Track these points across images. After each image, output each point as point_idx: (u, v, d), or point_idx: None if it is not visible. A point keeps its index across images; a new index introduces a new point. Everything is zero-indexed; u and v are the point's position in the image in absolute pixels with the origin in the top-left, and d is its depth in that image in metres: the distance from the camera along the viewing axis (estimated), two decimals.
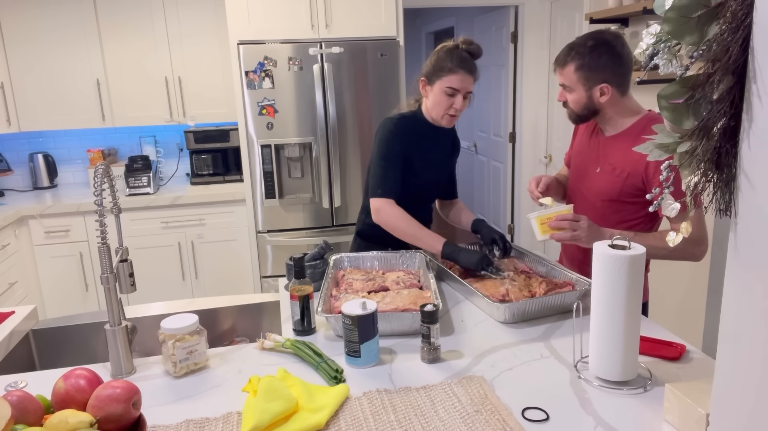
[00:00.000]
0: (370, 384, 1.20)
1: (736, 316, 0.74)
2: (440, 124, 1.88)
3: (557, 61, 1.64)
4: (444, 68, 1.79)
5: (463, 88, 1.79)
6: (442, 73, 1.79)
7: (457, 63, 1.77)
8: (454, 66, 1.77)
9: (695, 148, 0.77)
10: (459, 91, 1.79)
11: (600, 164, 1.70)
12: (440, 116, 1.85)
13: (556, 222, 1.54)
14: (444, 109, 1.83)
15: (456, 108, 1.82)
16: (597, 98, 1.61)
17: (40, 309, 3.29)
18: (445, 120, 1.86)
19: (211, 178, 3.72)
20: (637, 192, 1.60)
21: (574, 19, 3.75)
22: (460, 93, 1.80)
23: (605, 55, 1.57)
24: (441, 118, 1.86)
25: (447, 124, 1.88)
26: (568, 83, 1.63)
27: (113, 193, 1.33)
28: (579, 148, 1.84)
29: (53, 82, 3.40)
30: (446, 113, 1.84)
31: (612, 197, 1.65)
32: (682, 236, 0.87)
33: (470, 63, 1.79)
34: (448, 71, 1.78)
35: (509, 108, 4.43)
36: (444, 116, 1.85)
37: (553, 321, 1.48)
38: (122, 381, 0.99)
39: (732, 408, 0.77)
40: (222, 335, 1.72)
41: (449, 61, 1.78)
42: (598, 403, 1.10)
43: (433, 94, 1.83)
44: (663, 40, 0.83)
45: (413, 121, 1.90)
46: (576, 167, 1.83)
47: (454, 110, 1.82)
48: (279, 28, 3.16)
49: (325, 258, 1.75)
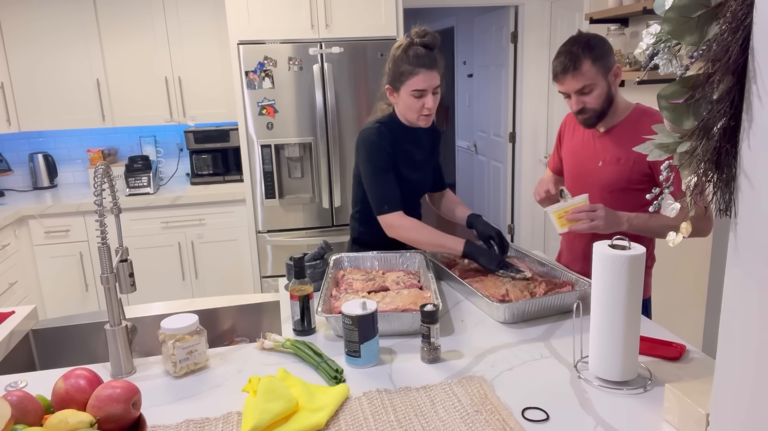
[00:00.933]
0: (370, 384, 1.20)
1: (736, 316, 0.74)
2: (417, 125, 1.85)
3: (566, 69, 1.61)
4: (404, 72, 1.74)
5: (429, 86, 1.74)
6: (403, 77, 1.74)
7: (414, 63, 1.72)
8: (413, 67, 1.72)
9: (695, 148, 0.77)
10: (426, 91, 1.75)
11: (601, 158, 1.72)
12: (415, 118, 1.82)
13: (573, 215, 1.57)
14: (416, 112, 1.79)
15: (428, 107, 1.77)
16: (613, 83, 1.65)
17: (40, 309, 3.29)
18: (421, 121, 1.82)
19: (211, 178, 3.72)
20: (644, 178, 1.66)
21: (574, 19, 3.75)
22: (428, 91, 1.75)
23: (604, 43, 1.63)
24: (417, 120, 1.82)
25: (424, 124, 1.84)
26: (588, 81, 1.61)
27: (113, 193, 1.33)
28: (571, 149, 1.86)
29: (53, 82, 3.40)
30: (420, 114, 1.80)
31: (621, 187, 1.69)
32: (682, 236, 0.87)
33: (428, 58, 1.73)
34: (408, 74, 1.73)
35: (509, 108, 4.43)
36: (419, 117, 1.81)
37: (553, 321, 1.48)
38: (122, 381, 0.99)
39: (732, 408, 0.77)
40: (222, 335, 1.72)
41: (406, 63, 1.73)
42: (598, 403, 1.10)
43: (402, 100, 1.79)
44: (663, 40, 0.83)
45: (391, 126, 1.86)
46: (572, 167, 1.85)
47: (427, 110, 1.78)
48: (279, 28, 3.16)
49: (325, 258, 1.75)
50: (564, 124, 1.93)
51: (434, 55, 1.75)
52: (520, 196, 4.49)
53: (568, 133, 1.89)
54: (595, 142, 1.75)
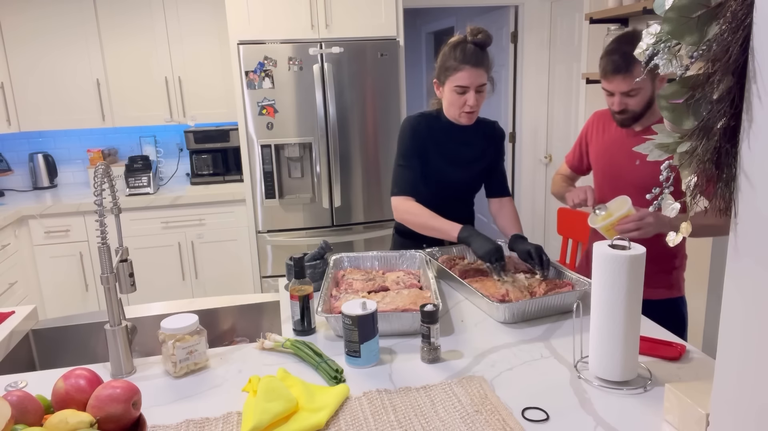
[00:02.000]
0: (370, 384, 1.20)
1: (736, 316, 0.74)
2: (459, 122, 1.85)
3: (618, 69, 1.57)
4: (450, 67, 1.76)
5: (473, 83, 1.75)
6: (448, 72, 1.77)
7: (461, 59, 1.73)
8: (459, 63, 1.74)
9: (695, 148, 0.77)
10: (469, 88, 1.76)
11: (638, 157, 1.67)
12: (457, 115, 1.83)
13: (621, 226, 1.52)
14: (458, 108, 1.80)
15: (470, 105, 1.77)
16: (658, 87, 1.62)
17: (40, 309, 3.29)
18: (463, 118, 1.82)
19: (211, 178, 3.72)
20: None
21: (574, 19, 3.75)
22: (471, 89, 1.76)
23: None
24: (459, 116, 1.83)
25: (466, 121, 1.84)
26: (638, 85, 1.58)
27: (113, 193, 1.33)
28: (603, 148, 1.81)
29: (53, 82, 3.40)
30: (461, 111, 1.81)
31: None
32: (682, 236, 0.87)
33: (476, 55, 1.74)
34: (453, 70, 1.75)
35: (509, 108, 4.43)
36: (461, 114, 1.82)
37: (553, 322, 1.48)
38: (122, 381, 0.99)
39: (732, 408, 0.77)
40: (222, 335, 1.72)
41: (453, 59, 1.75)
42: (598, 403, 1.10)
43: (446, 95, 1.81)
44: (663, 40, 0.83)
45: (432, 119, 1.88)
46: (605, 166, 1.80)
47: (468, 107, 1.78)
48: (279, 28, 3.16)
49: (325, 258, 1.74)
50: (591, 122, 1.87)
51: (483, 54, 1.76)
52: (521, 195, 4.49)
53: (597, 132, 1.83)
54: (630, 141, 1.70)
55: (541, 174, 4.39)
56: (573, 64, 3.82)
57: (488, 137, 1.96)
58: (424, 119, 1.88)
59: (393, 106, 3.34)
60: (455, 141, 1.90)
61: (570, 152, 1.98)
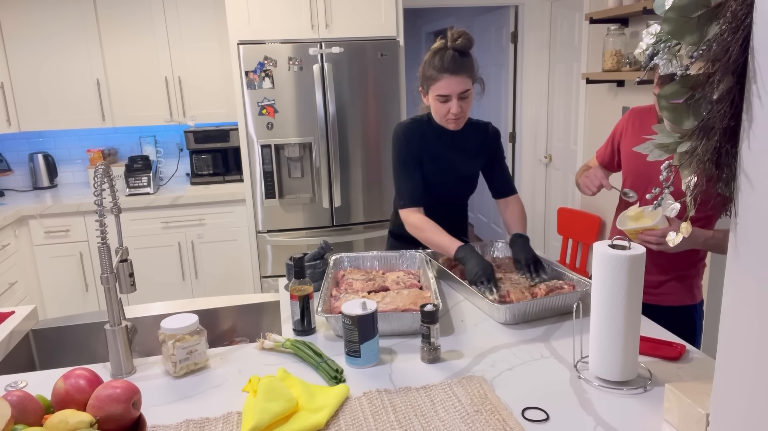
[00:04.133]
0: (370, 384, 1.20)
1: (736, 316, 0.74)
2: (448, 128, 1.83)
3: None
4: (430, 77, 1.73)
5: (453, 91, 1.71)
6: (429, 81, 1.74)
7: (439, 68, 1.69)
8: (438, 72, 1.70)
9: (695, 148, 0.77)
10: (450, 96, 1.72)
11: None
12: (444, 122, 1.81)
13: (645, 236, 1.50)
14: (442, 116, 1.78)
15: (453, 113, 1.74)
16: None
17: (40, 309, 3.29)
18: (450, 124, 1.80)
19: (211, 178, 3.72)
20: None
21: (574, 19, 3.75)
22: (453, 97, 1.72)
23: None
24: (446, 123, 1.81)
25: (454, 127, 1.81)
26: None
27: (113, 193, 1.33)
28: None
29: (53, 83, 3.40)
30: (446, 118, 1.79)
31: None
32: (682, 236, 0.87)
33: (455, 62, 1.69)
34: (433, 79, 1.72)
35: (509, 108, 4.43)
36: (447, 121, 1.80)
37: (553, 322, 1.48)
38: (122, 381, 0.99)
39: (732, 408, 0.77)
40: (222, 335, 1.72)
41: (432, 68, 1.71)
42: (598, 403, 1.10)
43: (430, 103, 1.79)
44: (663, 40, 0.84)
45: (424, 124, 1.86)
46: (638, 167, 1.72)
47: (452, 115, 1.76)
48: (279, 28, 3.16)
49: (325, 258, 1.74)
50: (627, 118, 1.80)
51: (463, 60, 1.71)
52: (521, 195, 4.44)
53: (633, 131, 1.76)
54: None
55: (541, 174, 4.39)
56: (573, 64, 3.82)
57: (482, 139, 1.93)
58: (416, 124, 1.86)
59: (393, 106, 3.34)
60: (447, 145, 1.88)
61: (601, 147, 1.91)
